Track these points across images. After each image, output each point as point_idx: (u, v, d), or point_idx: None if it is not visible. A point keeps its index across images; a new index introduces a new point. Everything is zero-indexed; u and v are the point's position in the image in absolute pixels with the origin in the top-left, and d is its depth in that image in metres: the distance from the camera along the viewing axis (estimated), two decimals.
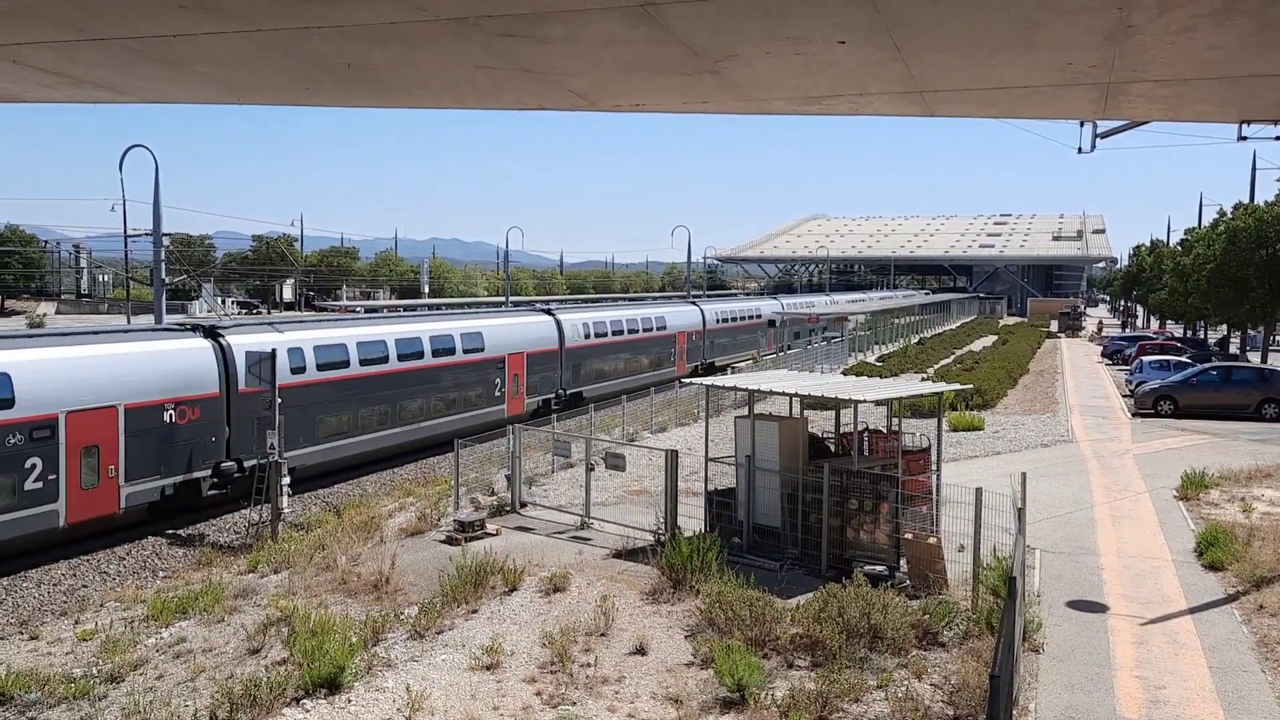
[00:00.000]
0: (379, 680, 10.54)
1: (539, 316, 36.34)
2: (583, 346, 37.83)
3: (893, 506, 13.34)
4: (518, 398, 33.20)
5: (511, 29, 8.05)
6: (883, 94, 10.26)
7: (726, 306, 56.48)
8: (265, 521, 20.43)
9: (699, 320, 49.90)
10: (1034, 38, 8.01)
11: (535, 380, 34.08)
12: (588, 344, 38.33)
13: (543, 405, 33.49)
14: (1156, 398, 32.23)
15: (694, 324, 49.26)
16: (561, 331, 35.88)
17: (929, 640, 11.25)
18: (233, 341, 23.17)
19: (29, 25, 8.34)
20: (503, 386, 32.06)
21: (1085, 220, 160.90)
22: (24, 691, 11.33)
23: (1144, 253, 78.38)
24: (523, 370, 33.51)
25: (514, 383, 32.96)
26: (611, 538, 15.59)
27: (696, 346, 49.01)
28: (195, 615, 13.46)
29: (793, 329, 54.60)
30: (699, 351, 49.21)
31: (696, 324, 49.56)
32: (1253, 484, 19.60)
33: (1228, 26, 7.64)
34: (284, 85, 10.70)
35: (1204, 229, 49.06)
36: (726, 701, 9.80)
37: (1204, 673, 10.59)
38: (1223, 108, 11.31)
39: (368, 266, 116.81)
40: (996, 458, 22.98)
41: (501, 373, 32.03)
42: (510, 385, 32.76)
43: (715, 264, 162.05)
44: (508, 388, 32.74)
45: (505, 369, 32.63)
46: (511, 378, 32.79)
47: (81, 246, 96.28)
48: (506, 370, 32.51)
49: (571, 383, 37.16)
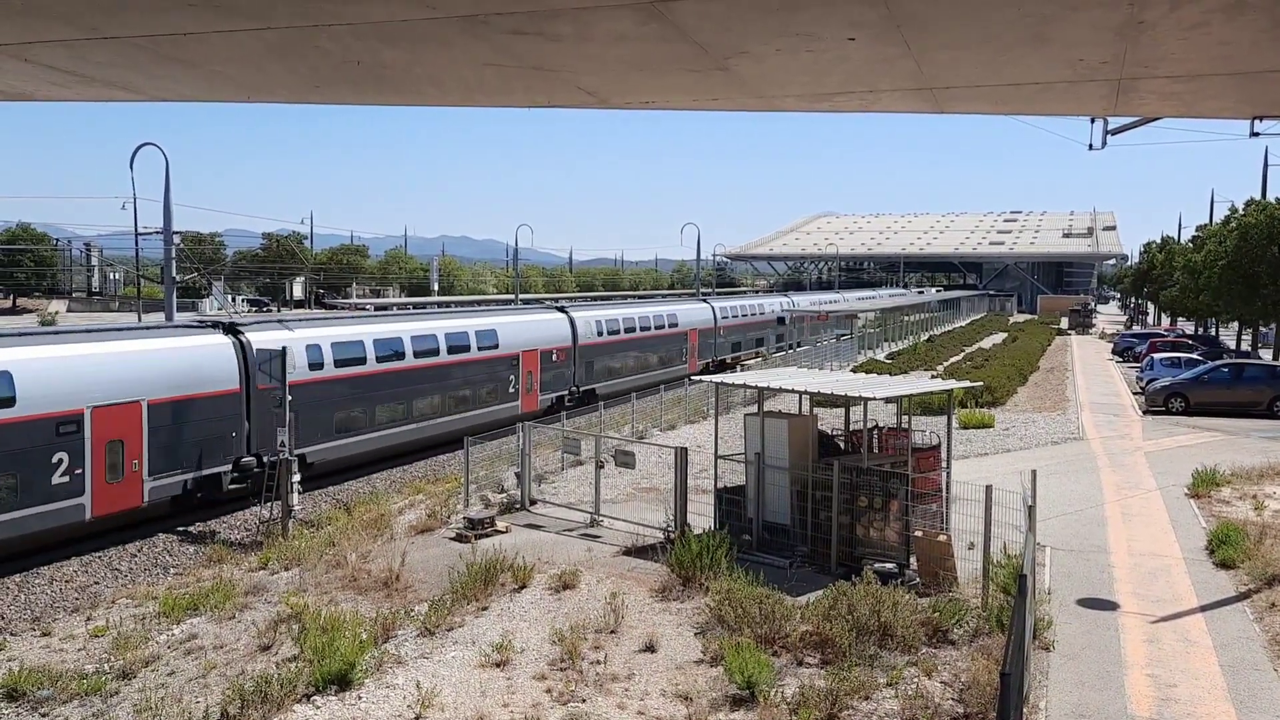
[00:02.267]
0: (389, 677, 10.57)
1: (552, 314, 36.62)
2: (596, 344, 38.22)
3: (902, 504, 13.32)
4: (531, 394, 33.42)
5: (522, 27, 8.04)
6: (893, 91, 10.22)
7: (736, 304, 56.63)
8: (276, 519, 20.52)
9: (710, 317, 50.18)
10: (1045, 33, 7.97)
11: (549, 377, 34.40)
12: (601, 341, 38.76)
13: (556, 402, 33.64)
14: (1167, 395, 32.09)
15: (705, 321, 49.59)
16: (575, 329, 36.17)
17: (939, 638, 11.23)
18: (253, 338, 23.48)
19: (40, 24, 8.36)
20: (517, 383, 32.35)
21: (1096, 217, 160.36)
22: (36, 688, 11.41)
23: (1155, 250, 78.09)
24: (536, 367, 33.71)
25: (528, 380, 33.19)
26: (621, 535, 15.60)
27: (708, 344, 49.51)
28: (206, 612, 13.52)
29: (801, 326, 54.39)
30: (710, 349, 49.50)
31: (708, 321, 49.90)
32: (1264, 481, 19.50)
33: (1240, 22, 7.59)
34: (294, 84, 10.71)
35: (1215, 226, 48.86)
36: (736, 699, 9.81)
37: (1215, 671, 10.55)
38: (1235, 103, 11.24)
39: (377, 264, 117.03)
40: (1007, 455, 22.92)
41: (516, 370, 32.34)
42: (524, 382, 33.00)
43: (724, 261, 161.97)
44: (521, 385, 32.96)
45: (519, 366, 32.90)
46: (525, 375, 33.01)
47: (92, 245, 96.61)
48: (520, 367, 32.78)
49: (585, 380, 37.38)
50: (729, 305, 54.45)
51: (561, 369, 35.78)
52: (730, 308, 53.99)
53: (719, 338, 50.54)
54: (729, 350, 51.60)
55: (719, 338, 50.54)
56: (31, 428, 18.42)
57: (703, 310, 50.08)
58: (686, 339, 46.49)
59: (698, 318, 48.67)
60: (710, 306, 50.88)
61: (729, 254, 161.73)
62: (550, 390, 34.91)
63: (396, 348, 27.82)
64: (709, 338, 49.33)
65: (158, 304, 59.49)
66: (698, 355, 47.48)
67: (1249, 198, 43.33)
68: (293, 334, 24.82)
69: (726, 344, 51.51)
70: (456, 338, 30.22)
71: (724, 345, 51.16)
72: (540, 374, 34.19)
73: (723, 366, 43.03)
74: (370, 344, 26.98)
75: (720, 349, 50.53)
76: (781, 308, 60.43)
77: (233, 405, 22.67)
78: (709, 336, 49.32)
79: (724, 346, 51.12)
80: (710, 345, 49.42)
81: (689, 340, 46.81)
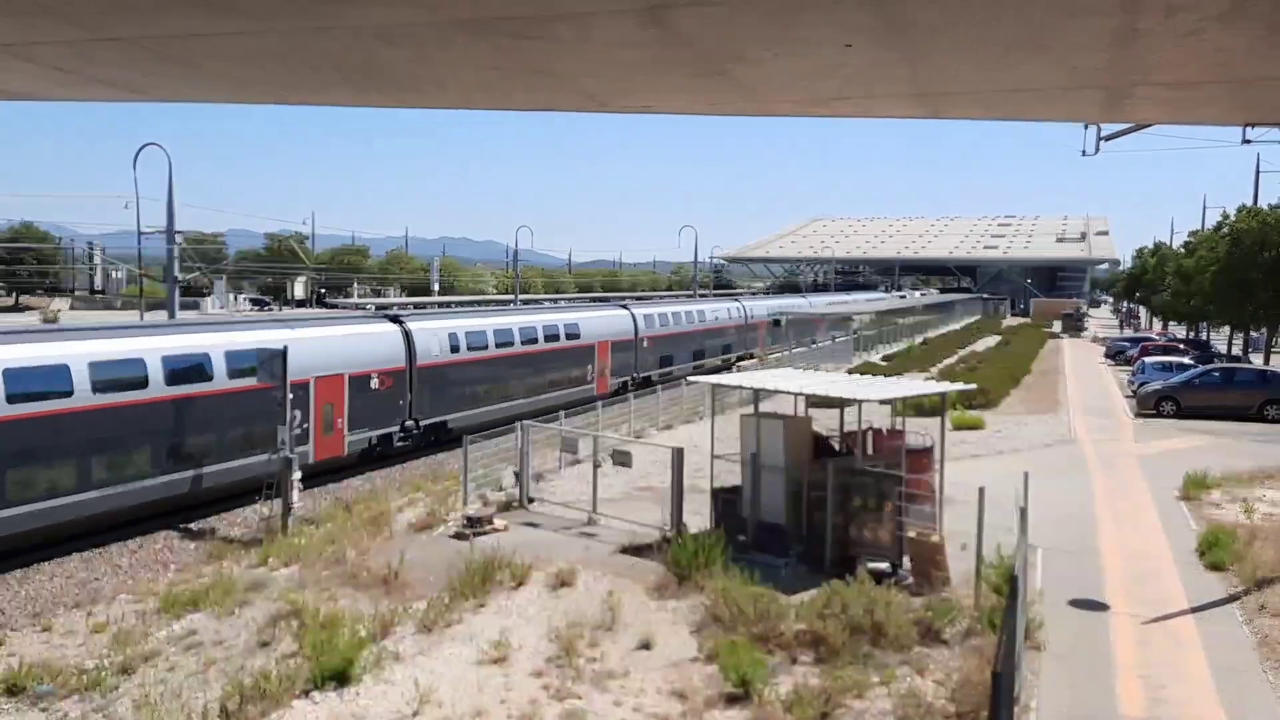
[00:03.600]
0: (387, 673, 10.64)
1: (618, 310, 41.37)
2: (655, 336, 43.61)
3: (896, 505, 13.42)
4: (604, 378, 38.30)
5: (522, 30, 8.13)
6: (889, 96, 10.33)
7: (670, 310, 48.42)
8: (276, 516, 20.57)
9: (630, 327, 42.82)
10: (1041, 40, 8.07)
11: (616, 365, 39.27)
12: (659, 334, 44.09)
13: (621, 387, 37.33)
14: (1159, 399, 32.23)
15: (622, 331, 43.47)
16: (636, 323, 41.14)
17: (932, 637, 11.33)
18: (413, 326, 28.89)
19: (45, 24, 8.42)
20: (594, 370, 36.95)
21: (1089, 222, 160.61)
22: (37, 683, 11.46)
23: (1147, 255, 78.37)
24: (607, 356, 39.00)
25: (601, 366, 37.71)
26: (618, 534, 15.69)
27: (626, 359, 46.22)
28: (206, 608, 13.57)
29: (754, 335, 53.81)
30: (630, 365, 41.98)
31: (625, 331, 42.54)
32: (1255, 485, 19.64)
33: (1235, 30, 7.69)
34: (296, 84, 10.79)
35: (1207, 231, 49.08)
36: (731, 697, 9.90)
37: (1205, 672, 10.65)
38: (1228, 111, 11.37)
39: (378, 264, 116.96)
40: (999, 457, 23.02)
41: (593, 357, 37.12)
42: (599, 368, 37.94)
43: (721, 264, 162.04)
44: (596, 370, 38.28)
45: (595, 354, 38.52)
46: (600, 362, 37.45)
47: (95, 244, 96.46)
48: (596, 356, 37.80)
49: (645, 367, 42.85)
50: (659, 313, 46.25)
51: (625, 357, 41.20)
52: (660, 315, 46.01)
53: (642, 351, 42.78)
54: (656, 365, 43.80)
55: (642, 351, 42.78)
56: None
57: (618, 319, 42.05)
58: (593, 354, 38.78)
59: (611, 327, 40.62)
60: (631, 314, 42.91)
61: (726, 256, 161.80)
62: (617, 376, 40.15)
63: (508, 337, 32.92)
64: (627, 352, 41.48)
65: (160, 303, 59.45)
66: (610, 374, 39.64)
67: (1241, 204, 43.57)
68: (440, 323, 30.53)
69: (653, 358, 43.56)
70: (550, 329, 35.57)
71: (649, 360, 43.15)
72: (611, 362, 39.65)
73: (440, 432, 30.77)
74: (491, 333, 32.20)
75: (644, 364, 42.86)
76: (736, 313, 55.22)
77: (401, 379, 27.77)
78: (626, 351, 41.48)
79: (649, 361, 43.17)
80: (630, 360, 41.62)
81: (596, 355, 38.78)
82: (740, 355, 53.44)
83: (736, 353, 53.53)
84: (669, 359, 44.76)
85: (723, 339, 52.66)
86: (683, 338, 46.91)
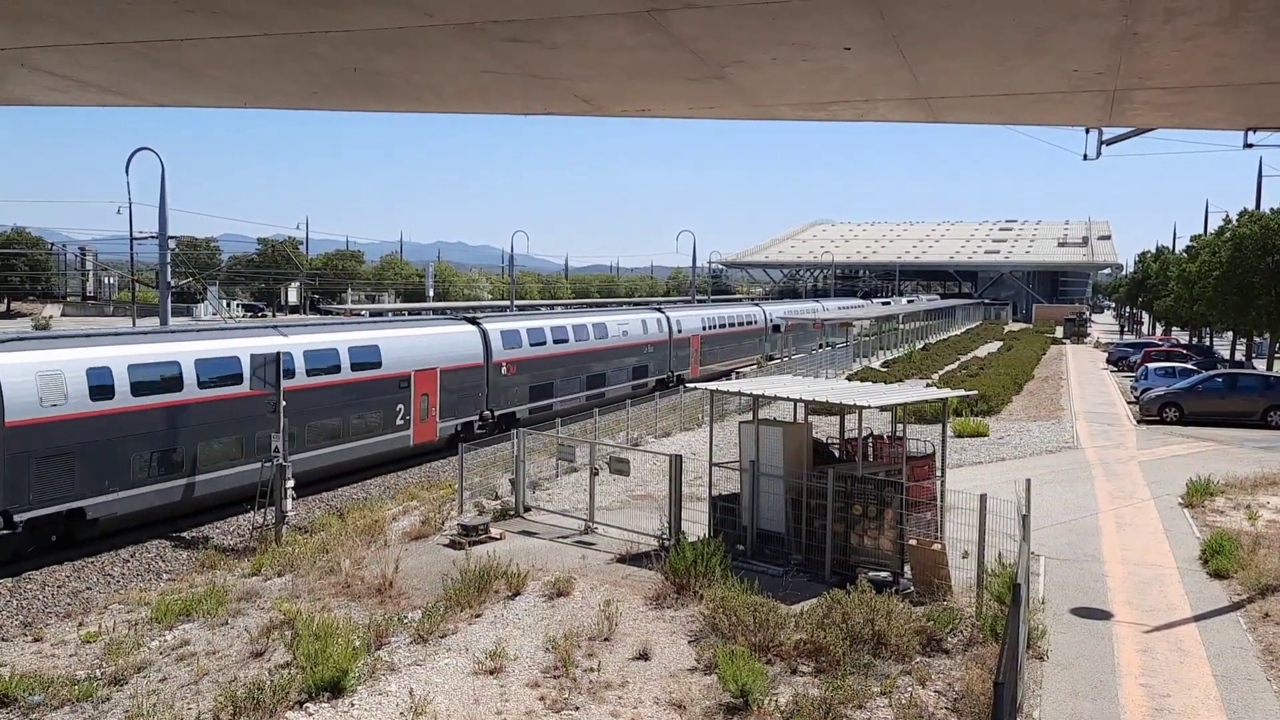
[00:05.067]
0: (382, 684, 10.54)
1: (656, 314, 43.63)
2: (686, 338, 46.46)
3: (897, 512, 13.33)
4: (425, 424, 35.13)
5: (519, 35, 8.06)
6: (889, 100, 10.25)
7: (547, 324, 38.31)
8: (269, 524, 20.46)
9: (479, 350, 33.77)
10: (1041, 44, 8.00)
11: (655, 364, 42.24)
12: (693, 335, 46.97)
13: (659, 383, 40.08)
14: (1162, 404, 32.17)
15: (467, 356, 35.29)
16: (670, 326, 43.72)
17: (933, 647, 11.23)
18: (488, 327, 32.94)
19: (38, 29, 8.36)
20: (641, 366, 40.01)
21: (1091, 226, 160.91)
22: (27, 693, 11.35)
23: (1149, 259, 78.39)
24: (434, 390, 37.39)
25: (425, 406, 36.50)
26: (615, 542, 15.58)
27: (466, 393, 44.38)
28: (199, 618, 13.47)
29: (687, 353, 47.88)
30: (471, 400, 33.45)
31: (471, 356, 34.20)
32: (1258, 491, 19.55)
33: (1235, 34, 7.63)
34: (291, 89, 10.71)
35: (1210, 236, 49.05)
36: (730, 707, 9.79)
37: (1209, 681, 10.56)
38: (1229, 115, 11.29)
39: (372, 270, 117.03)
40: (1001, 464, 22.95)
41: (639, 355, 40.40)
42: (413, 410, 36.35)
43: (720, 269, 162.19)
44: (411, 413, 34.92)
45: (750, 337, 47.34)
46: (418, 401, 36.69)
47: (87, 249, 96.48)
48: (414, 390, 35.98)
49: (677, 366, 46.83)
50: (525, 328, 35.92)
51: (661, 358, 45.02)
52: (528, 331, 35.81)
53: (502, 379, 33.67)
54: (522, 400, 34.90)
55: (502, 379, 33.67)
56: (389, 382, 27.90)
57: (462, 338, 32.27)
58: (408, 388, 29.31)
59: (440, 351, 30.88)
60: (480, 331, 33.18)
61: (725, 261, 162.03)
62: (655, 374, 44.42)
63: (564, 334, 36.57)
64: (472, 384, 32.16)
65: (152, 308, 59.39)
66: (439, 412, 30.66)
67: (1243, 208, 43.53)
68: (509, 324, 35.08)
69: (519, 389, 34.71)
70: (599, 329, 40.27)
71: (512, 392, 34.29)
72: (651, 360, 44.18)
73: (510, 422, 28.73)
74: (548, 331, 36.65)
75: (502, 398, 33.66)
76: (657, 327, 45.28)
77: (478, 374, 32.01)
78: (472, 382, 32.13)
79: (512, 394, 34.27)
80: (473, 394, 32.20)
81: (413, 389, 29.62)
82: (662, 379, 44.36)
83: (656, 376, 44.26)
84: (546, 389, 36.27)
85: (636, 359, 42.94)
86: (569, 360, 37.83)
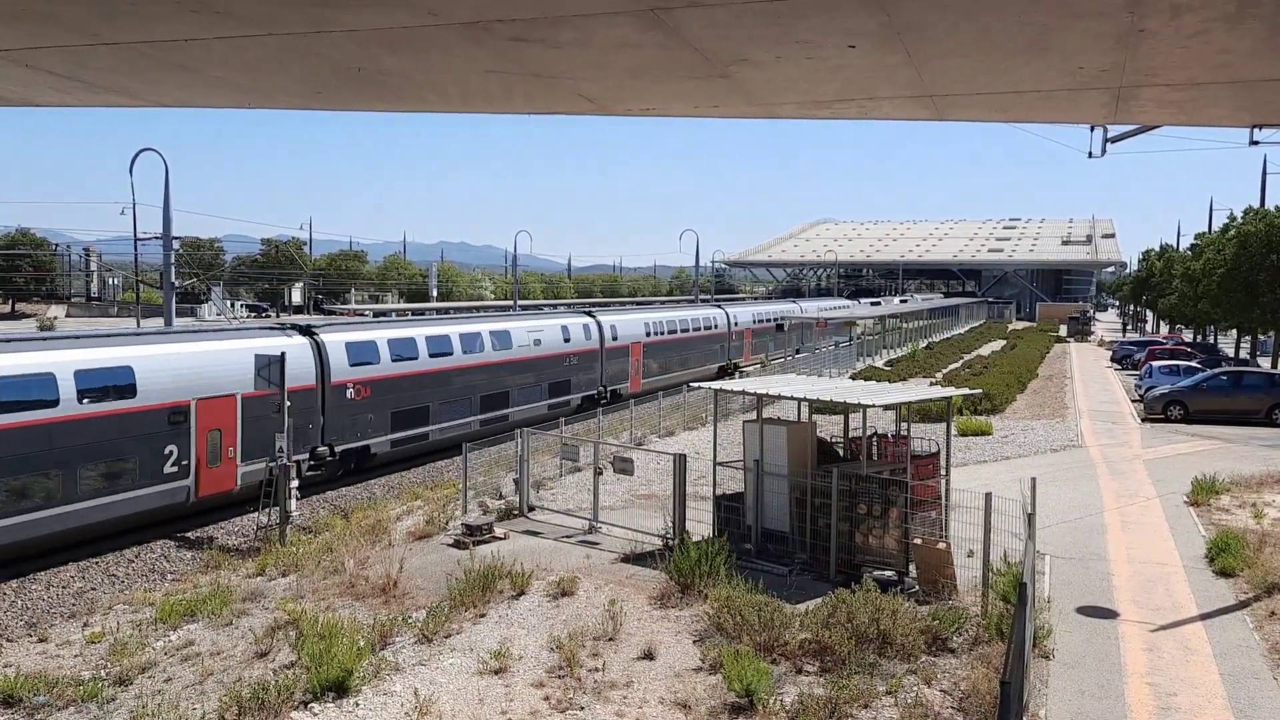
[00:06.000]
0: (387, 684, 10.53)
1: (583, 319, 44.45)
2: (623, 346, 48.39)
3: (902, 511, 13.30)
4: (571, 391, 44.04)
5: (522, 34, 8.04)
6: (893, 98, 10.23)
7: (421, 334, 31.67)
8: (273, 525, 20.47)
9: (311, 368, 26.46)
10: (1046, 41, 7.98)
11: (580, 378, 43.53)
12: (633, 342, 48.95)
13: (586, 400, 40.69)
14: (1166, 403, 32.11)
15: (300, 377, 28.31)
16: (603, 333, 44.52)
17: (938, 646, 11.20)
18: (325, 339, 28.10)
19: (41, 30, 8.36)
20: (560, 382, 41.11)
21: (1095, 224, 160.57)
22: (32, 694, 11.37)
23: (1154, 257, 78.23)
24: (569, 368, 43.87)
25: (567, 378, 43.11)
26: (620, 542, 15.57)
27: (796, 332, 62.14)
28: (203, 618, 13.49)
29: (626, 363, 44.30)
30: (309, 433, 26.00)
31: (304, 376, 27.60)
32: (1264, 489, 19.50)
33: (1240, 31, 7.60)
34: (295, 89, 10.71)
35: (1214, 234, 48.93)
36: (735, 707, 9.78)
37: (1215, 680, 10.53)
38: (1235, 112, 11.25)
39: (376, 270, 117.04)
40: (1006, 463, 22.91)
41: (558, 369, 41.31)
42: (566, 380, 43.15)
43: (723, 268, 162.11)
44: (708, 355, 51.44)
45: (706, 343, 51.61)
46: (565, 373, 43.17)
47: (91, 250, 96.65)
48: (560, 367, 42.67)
49: (733, 355, 54.78)
50: (385, 339, 29.10)
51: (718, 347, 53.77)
52: (389, 343, 28.99)
53: (346, 405, 26.92)
54: (381, 430, 28.02)
55: (346, 405, 26.92)
56: (149, 416, 21.41)
57: (295, 352, 24.59)
58: (184, 423, 22.01)
59: (241, 373, 22.61)
60: (313, 343, 26.34)
61: (728, 261, 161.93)
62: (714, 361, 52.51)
63: (445, 346, 36.37)
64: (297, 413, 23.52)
65: (156, 309, 59.44)
66: (239, 453, 23.23)
67: (1248, 206, 43.43)
68: (614, 317, 44.27)
69: (375, 418, 27.76)
70: (683, 323, 49.46)
71: (363, 421, 27.39)
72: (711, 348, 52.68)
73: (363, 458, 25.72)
74: (640, 324, 45.33)
75: (347, 429, 26.92)
76: (585, 333, 40.58)
77: (308, 399, 26.33)
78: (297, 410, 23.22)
79: (363, 423, 27.40)
80: (300, 427, 24.49)
81: (193, 424, 22.16)
82: (590, 396, 40.02)
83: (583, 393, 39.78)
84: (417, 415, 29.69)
85: (554, 373, 38.15)
86: (453, 377, 31.69)
